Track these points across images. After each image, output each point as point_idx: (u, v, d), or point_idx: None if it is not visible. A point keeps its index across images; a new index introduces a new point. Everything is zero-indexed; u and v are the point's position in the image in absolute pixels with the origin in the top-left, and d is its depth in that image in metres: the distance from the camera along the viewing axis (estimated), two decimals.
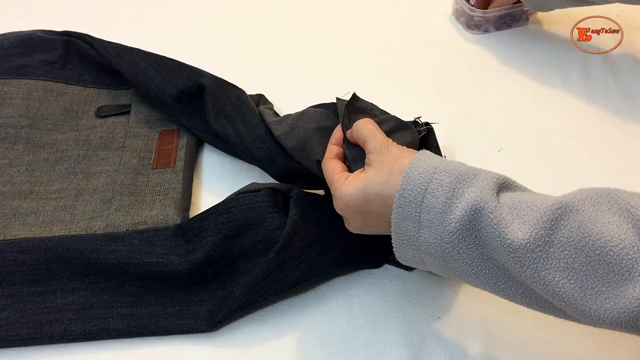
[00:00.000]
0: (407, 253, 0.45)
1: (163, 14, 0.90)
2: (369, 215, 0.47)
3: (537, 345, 0.53)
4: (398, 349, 0.53)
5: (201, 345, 0.54)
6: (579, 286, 0.37)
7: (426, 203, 0.42)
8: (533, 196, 0.41)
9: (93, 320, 0.54)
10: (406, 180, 0.43)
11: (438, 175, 0.42)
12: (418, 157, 0.45)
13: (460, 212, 0.41)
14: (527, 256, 0.38)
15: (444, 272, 0.45)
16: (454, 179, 0.42)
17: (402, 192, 0.43)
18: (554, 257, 0.38)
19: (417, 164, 0.44)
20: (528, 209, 0.39)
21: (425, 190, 0.42)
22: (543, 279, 0.38)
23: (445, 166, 0.43)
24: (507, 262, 0.39)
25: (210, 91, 0.66)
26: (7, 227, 0.59)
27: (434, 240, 0.42)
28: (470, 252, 0.41)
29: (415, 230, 0.43)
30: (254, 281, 0.53)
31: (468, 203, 0.40)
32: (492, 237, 0.39)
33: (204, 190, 0.66)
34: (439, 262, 0.44)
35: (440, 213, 0.41)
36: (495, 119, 0.74)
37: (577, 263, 0.37)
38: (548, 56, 0.82)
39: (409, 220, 0.43)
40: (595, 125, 0.73)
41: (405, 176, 0.43)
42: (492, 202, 0.40)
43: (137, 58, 0.70)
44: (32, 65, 0.73)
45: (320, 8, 0.91)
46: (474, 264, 0.42)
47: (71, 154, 0.67)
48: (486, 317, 0.55)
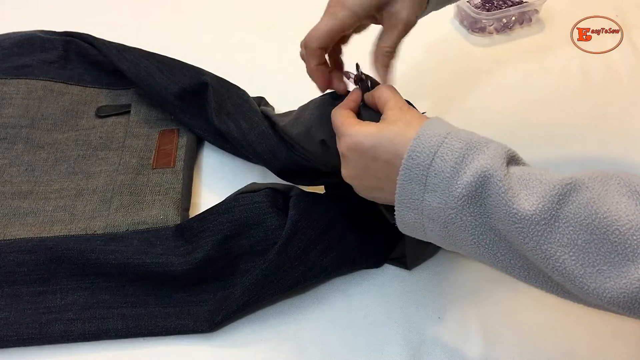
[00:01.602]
0: (408, 216, 0.45)
1: (163, 14, 0.90)
2: (374, 163, 0.46)
3: (536, 345, 0.53)
4: (398, 349, 0.53)
5: (201, 345, 0.54)
6: (580, 263, 0.37)
7: (434, 167, 0.42)
8: (542, 170, 0.41)
9: (93, 321, 0.54)
10: (416, 142, 0.42)
11: (449, 140, 0.42)
12: (431, 121, 0.45)
13: (468, 177, 0.40)
14: (532, 228, 0.38)
15: (443, 240, 0.45)
16: (464, 145, 0.42)
17: (410, 154, 0.42)
18: (559, 231, 0.37)
19: (429, 127, 0.43)
20: (537, 181, 0.39)
21: (435, 153, 0.42)
22: (545, 253, 0.38)
23: (456, 133, 0.43)
24: (511, 232, 0.39)
25: (212, 89, 0.66)
26: (7, 227, 0.59)
27: (438, 204, 0.42)
28: (473, 220, 0.41)
29: (420, 194, 0.43)
30: (254, 282, 0.53)
31: (477, 169, 0.40)
32: (498, 206, 0.39)
33: (204, 190, 0.66)
34: (440, 228, 0.43)
35: (448, 177, 0.41)
36: (496, 119, 0.74)
37: (581, 240, 0.37)
38: (548, 56, 0.82)
39: (415, 182, 0.42)
40: (595, 125, 0.73)
41: (416, 138, 0.43)
42: (501, 170, 0.40)
43: (139, 57, 0.70)
44: (32, 65, 0.73)
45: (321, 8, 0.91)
46: (475, 232, 0.42)
47: (71, 154, 0.67)
48: (486, 317, 0.55)
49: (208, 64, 0.72)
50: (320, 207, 0.58)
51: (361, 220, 0.59)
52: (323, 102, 0.58)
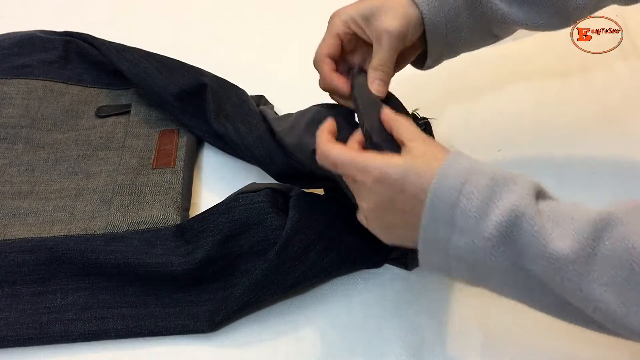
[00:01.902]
0: (433, 258, 0.43)
1: (163, 14, 0.90)
2: (401, 196, 0.43)
3: (536, 345, 0.53)
4: (398, 349, 0.53)
5: (201, 345, 0.54)
6: (622, 302, 0.35)
7: (460, 206, 0.39)
8: (572, 205, 0.39)
9: (93, 321, 0.54)
10: (439, 179, 0.41)
11: (474, 177, 0.40)
12: (454, 156, 0.42)
13: (497, 217, 0.38)
14: (569, 268, 0.36)
15: (471, 280, 0.43)
16: (490, 182, 0.40)
17: (435, 192, 0.40)
18: (596, 269, 0.36)
19: (453, 163, 0.41)
20: (569, 218, 0.38)
21: (460, 191, 0.40)
22: (584, 293, 0.36)
23: (481, 168, 0.41)
24: (546, 272, 0.38)
25: (211, 90, 0.66)
26: (7, 227, 0.59)
27: (466, 245, 0.40)
28: (504, 261, 0.39)
29: (447, 234, 0.41)
30: (254, 282, 0.53)
31: (506, 208, 0.38)
32: (531, 246, 0.38)
33: (204, 190, 0.66)
34: (467, 268, 0.42)
35: (476, 217, 0.39)
36: (495, 119, 0.74)
37: (621, 277, 0.35)
38: (548, 56, 0.82)
39: (441, 222, 0.41)
40: (595, 125, 0.73)
41: (440, 175, 0.41)
42: (531, 208, 0.38)
43: (139, 57, 0.70)
44: (32, 65, 0.73)
45: (321, 8, 0.91)
46: (507, 273, 0.40)
47: (71, 154, 0.67)
48: (486, 317, 0.55)
49: (208, 64, 0.72)
50: (321, 207, 0.58)
51: None
52: (319, 112, 0.58)
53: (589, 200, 0.63)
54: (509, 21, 0.53)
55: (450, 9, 0.52)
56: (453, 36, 0.54)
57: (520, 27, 0.55)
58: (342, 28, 0.53)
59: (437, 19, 0.52)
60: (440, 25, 0.52)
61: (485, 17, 0.53)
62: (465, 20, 0.53)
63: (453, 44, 0.55)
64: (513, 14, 0.53)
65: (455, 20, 0.53)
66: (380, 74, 0.52)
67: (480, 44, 0.58)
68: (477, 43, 0.57)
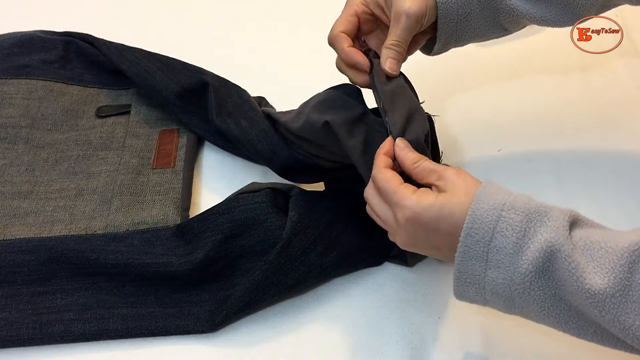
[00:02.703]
0: (468, 292, 0.43)
1: (163, 14, 0.90)
2: (434, 234, 0.44)
3: (537, 345, 0.53)
4: (398, 349, 0.53)
5: (201, 345, 0.54)
6: None
7: (495, 243, 0.40)
8: (605, 235, 0.40)
9: (93, 321, 0.54)
10: (472, 218, 0.41)
11: (506, 212, 0.40)
12: (482, 191, 0.42)
13: (533, 253, 0.39)
14: (607, 302, 0.37)
15: (507, 310, 0.44)
16: (524, 217, 0.40)
17: (468, 231, 0.41)
18: (634, 300, 0.37)
19: (483, 199, 0.42)
20: (603, 250, 0.38)
21: (494, 229, 0.40)
22: (623, 324, 0.37)
23: (512, 202, 0.41)
24: (584, 306, 0.38)
25: (213, 88, 0.66)
26: (7, 227, 0.59)
27: (502, 280, 0.41)
28: (542, 294, 0.40)
29: (482, 270, 0.41)
30: (254, 282, 0.53)
31: (542, 244, 0.39)
32: (568, 281, 0.38)
33: (204, 190, 0.66)
34: (504, 302, 0.42)
35: (511, 254, 0.40)
36: (495, 119, 0.74)
37: None
38: (548, 56, 0.82)
39: (476, 259, 0.41)
40: (595, 125, 0.73)
41: (471, 214, 0.41)
42: (567, 244, 0.38)
43: (140, 57, 0.70)
44: (32, 65, 0.73)
45: (321, 8, 0.91)
46: (545, 305, 0.40)
47: (71, 154, 0.67)
48: (486, 317, 0.55)
49: (208, 64, 0.72)
50: (321, 207, 0.58)
51: (361, 220, 0.59)
52: (327, 93, 0.58)
53: (588, 200, 0.63)
54: (517, 14, 0.54)
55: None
56: (462, 24, 0.54)
57: (528, 20, 0.55)
58: (361, 7, 0.54)
59: (449, 5, 0.53)
60: (452, 11, 0.53)
61: (495, 7, 0.54)
62: (475, 9, 0.54)
63: (462, 32, 0.55)
64: (521, 7, 0.53)
65: (467, 7, 0.53)
66: (394, 52, 0.53)
67: (489, 35, 0.58)
68: (485, 34, 0.57)
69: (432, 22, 0.54)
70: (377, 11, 0.54)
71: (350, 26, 0.54)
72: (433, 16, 0.53)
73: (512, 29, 0.58)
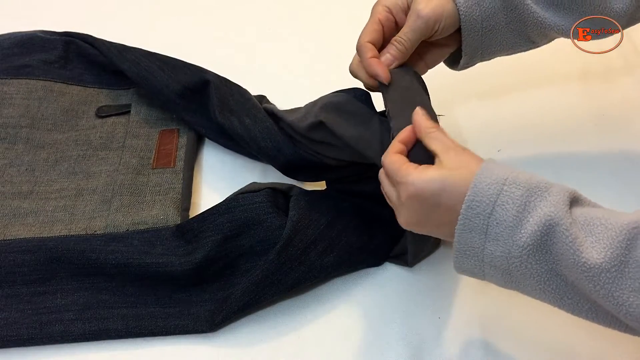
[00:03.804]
0: (467, 263, 0.44)
1: (163, 15, 0.90)
2: (436, 209, 0.44)
3: (537, 345, 0.53)
4: (398, 349, 0.53)
5: (201, 345, 0.54)
6: None
7: (495, 216, 0.41)
8: (605, 212, 0.40)
9: (93, 321, 0.54)
10: (474, 191, 0.41)
11: (508, 187, 0.41)
12: (486, 166, 0.43)
13: (532, 227, 0.39)
14: (602, 276, 0.37)
15: (505, 285, 0.44)
16: (525, 192, 0.41)
17: (469, 204, 0.41)
18: (629, 277, 0.37)
19: (487, 173, 0.42)
20: (602, 226, 0.39)
21: (495, 202, 0.41)
22: (617, 299, 0.37)
23: (515, 177, 0.42)
24: (579, 280, 0.39)
25: (214, 86, 0.66)
26: (7, 227, 0.59)
27: (501, 253, 0.41)
28: (539, 268, 0.40)
29: (481, 243, 0.42)
30: (254, 282, 0.53)
31: (541, 218, 0.39)
32: (566, 255, 0.39)
33: (204, 190, 0.66)
34: (502, 275, 0.43)
35: (511, 227, 0.40)
36: (496, 118, 0.74)
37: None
38: (548, 56, 0.82)
39: (475, 232, 0.42)
40: (595, 125, 0.73)
41: (473, 187, 0.41)
42: (566, 218, 0.39)
43: (140, 56, 0.70)
44: (32, 65, 0.73)
45: (321, 8, 0.91)
46: (541, 279, 0.41)
47: (71, 154, 0.67)
48: (486, 317, 0.55)
49: (208, 64, 0.72)
50: (321, 206, 0.58)
51: (362, 220, 0.59)
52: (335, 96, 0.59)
53: None
54: (545, 25, 0.54)
55: (487, 8, 0.53)
56: (488, 36, 0.54)
57: (556, 33, 0.55)
58: (384, 14, 0.54)
59: (473, 16, 0.53)
60: (475, 24, 0.53)
61: (522, 19, 0.54)
62: (501, 21, 0.54)
63: (488, 45, 0.55)
64: (549, 19, 0.53)
65: (492, 19, 0.53)
66: (394, 48, 0.53)
67: (517, 48, 0.57)
68: (513, 46, 0.57)
69: (450, 31, 0.53)
70: (400, 16, 0.54)
71: (376, 35, 0.54)
72: (451, 26, 0.53)
73: (540, 41, 0.57)
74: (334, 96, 0.59)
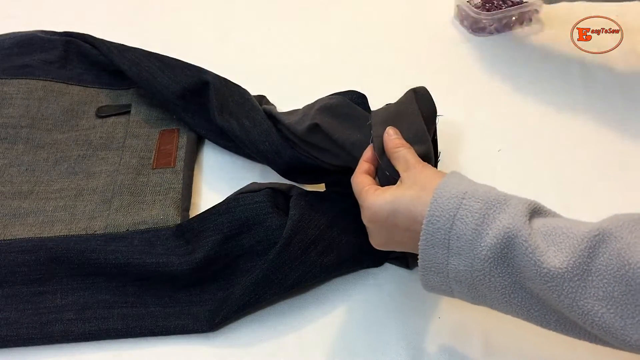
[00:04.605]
0: (434, 280, 0.44)
1: (163, 15, 0.90)
2: (395, 230, 0.46)
3: (537, 345, 0.53)
4: (398, 349, 0.53)
5: (201, 345, 0.54)
6: (619, 315, 0.36)
7: (455, 230, 0.41)
8: (567, 222, 0.40)
9: (93, 321, 0.54)
10: (434, 206, 0.42)
11: (467, 201, 0.41)
12: (445, 181, 0.43)
13: (492, 239, 0.40)
14: (565, 285, 0.37)
15: (473, 300, 0.44)
16: (483, 205, 0.41)
17: (430, 219, 0.42)
18: (593, 285, 0.37)
19: (445, 188, 0.43)
20: (564, 235, 0.38)
21: (454, 216, 0.41)
22: (581, 309, 0.37)
23: (473, 191, 0.42)
24: (543, 290, 0.38)
25: (214, 87, 0.66)
26: (7, 227, 0.59)
27: (464, 267, 0.41)
28: (502, 280, 0.40)
29: (444, 258, 0.42)
30: (254, 282, 0.53)
31: (500, 230, 0.39)
32: (527, 265, 0.39)
33: (204, 190, 0.66)
34: (468, 290, 0.43)
35: (471, 240, 0.40)
36: (495, 119, 0.74)
37: (617, 292, 0.36)
38: (548, 56, 0.82)
39: (438, 247, 0.42)
40: (595, 125, 0.73)
41: (433, 202, 0.42)
42: (525, 229, 0.39)
43: (140, 56, 0.70)
44: (32, 65, 0.73)
45: (321, 9, 0.91)
46: (505, 292, 0.41)
47: (71, 154, 0.67)
48: (486, 317, 0.55)
49: (208, 64, 0.72)
50: (321, 206, 0.58)
51: (362, 220, 0.59)
52: (330, 98, 0.59)
53: (589, 200, 0.63)
54: None
55: None
56: None
57: None
58: None
59: None
60: None
61: None
62: None
63: None
64: None
65: None
66: None
67: None
68: None
69: None
70: None
71: None
72: None
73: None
74: (331, 99, 0.59)
